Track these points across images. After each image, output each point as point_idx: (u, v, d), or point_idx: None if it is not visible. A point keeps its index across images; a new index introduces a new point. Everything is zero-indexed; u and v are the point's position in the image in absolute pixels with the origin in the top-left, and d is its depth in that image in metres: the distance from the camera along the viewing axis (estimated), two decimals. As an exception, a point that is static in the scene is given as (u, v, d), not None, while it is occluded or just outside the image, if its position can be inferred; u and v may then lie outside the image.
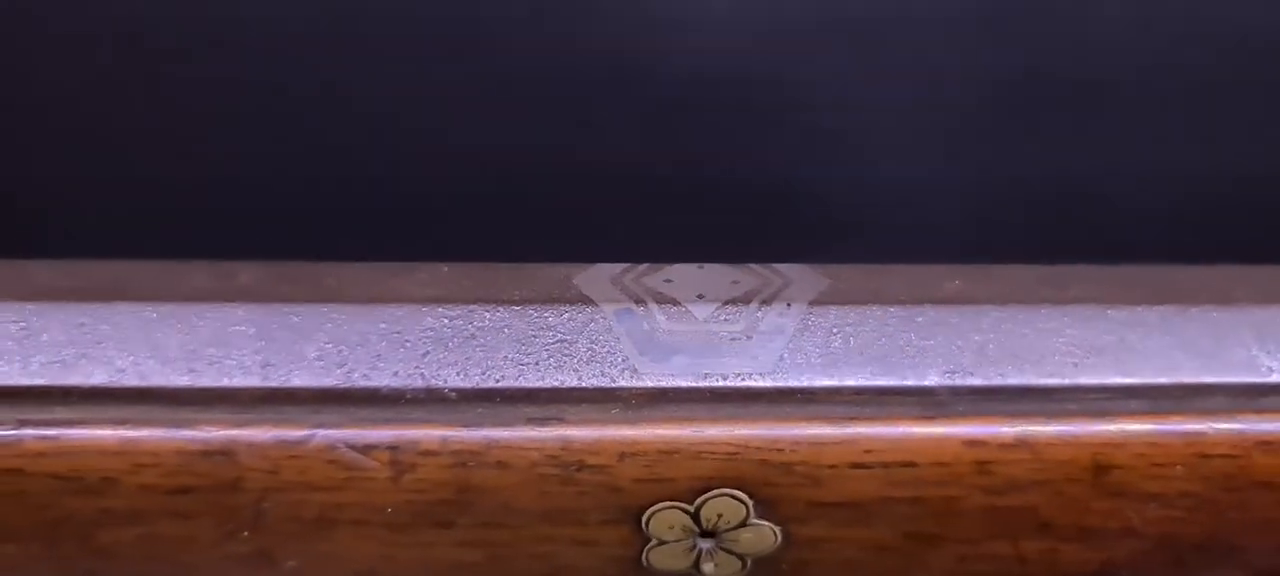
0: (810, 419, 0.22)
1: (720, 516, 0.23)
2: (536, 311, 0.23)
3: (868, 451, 0.22)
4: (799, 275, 0.24)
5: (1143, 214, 0.41)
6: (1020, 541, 0.24)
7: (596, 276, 0.24)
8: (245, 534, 0.23)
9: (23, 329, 0.23)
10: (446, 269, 0.24)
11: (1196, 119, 0.45)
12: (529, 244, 0.27)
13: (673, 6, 0.42)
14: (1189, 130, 0.45)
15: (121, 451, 0.22)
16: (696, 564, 0.24)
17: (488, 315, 0.23)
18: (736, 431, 0.22)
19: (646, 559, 0.24)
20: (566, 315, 0.23)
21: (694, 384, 0.22)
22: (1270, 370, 0.23)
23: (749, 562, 0.24)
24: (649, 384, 0.22)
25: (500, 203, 0.37)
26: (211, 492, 0.23)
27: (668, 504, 0.23)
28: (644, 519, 0.23)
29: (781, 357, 0.23)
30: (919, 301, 0.23)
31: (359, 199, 0.33)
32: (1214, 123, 0.45)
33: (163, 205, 0.32)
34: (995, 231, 0.40)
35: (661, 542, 0.23)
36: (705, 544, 0.23)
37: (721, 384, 0.22)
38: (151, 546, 0.24)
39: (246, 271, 0.24)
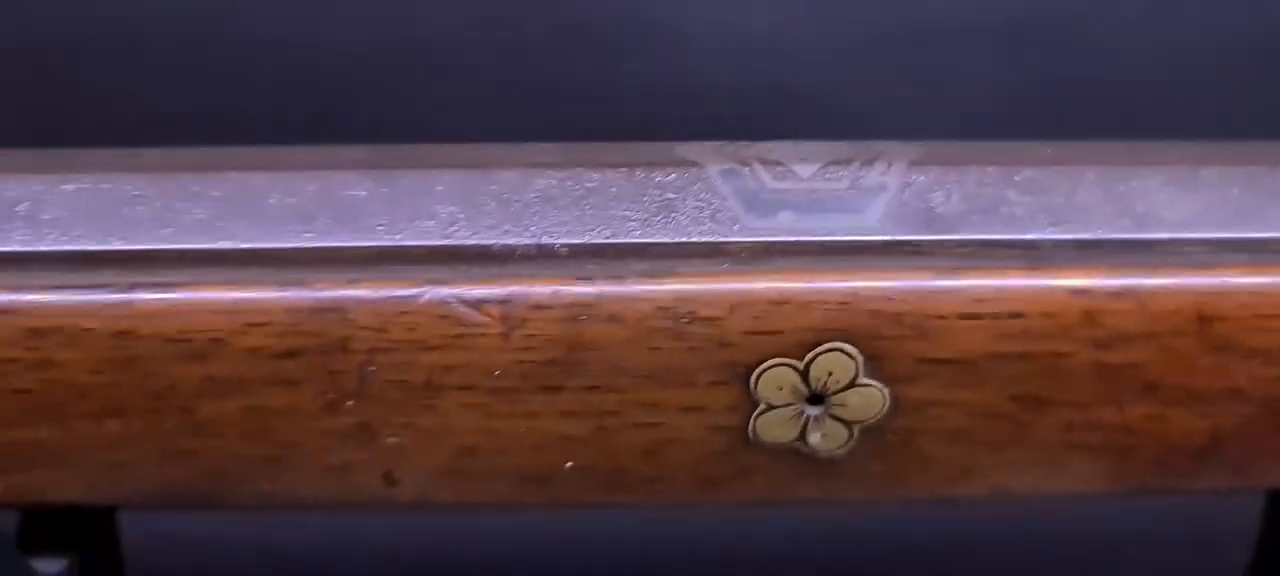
0: (918, 270, 0.22)
1: (830, 375, 0.23)
2: (644, 173, 0.23)
3: (976, 301, 0.22)
4: (894, 146, 0.24)
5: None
6: (1127, 406, 0.24)
7: (699, 148, 0.24)
8: (349, 403, 0.23)
9: (135, 197, 0.23)
10: (551, 145, 0.24)
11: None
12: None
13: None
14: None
15: (232, 310, 0.22)
16: (803, 433, 0.24)
17: (596, 177, 0.23)
18: (845, 282, 0.22)
19: (753, 427, 0.23)
20: (673, 176, 0.23)
21: (801, 238, 0.23)
22: None
23: (856, 432, 0.24)
24: (758, 238, 0.23)
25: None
26: (319, 354, 0.23)
27: (778, 360, 0.23)
28: (753, 378, 0.23)
29: (886, 212, 0.23)
30: (1016, 164, 0.24)
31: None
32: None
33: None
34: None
35: (770, 407, 0.23)
36: (813, 410, 0.23)
37: (829, 238, 0.23)
38: (253, 420, 0.23)
39: (354, 152, 0.24)
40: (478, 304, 0.22)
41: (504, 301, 0.22)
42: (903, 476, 0.25)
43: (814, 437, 0.24)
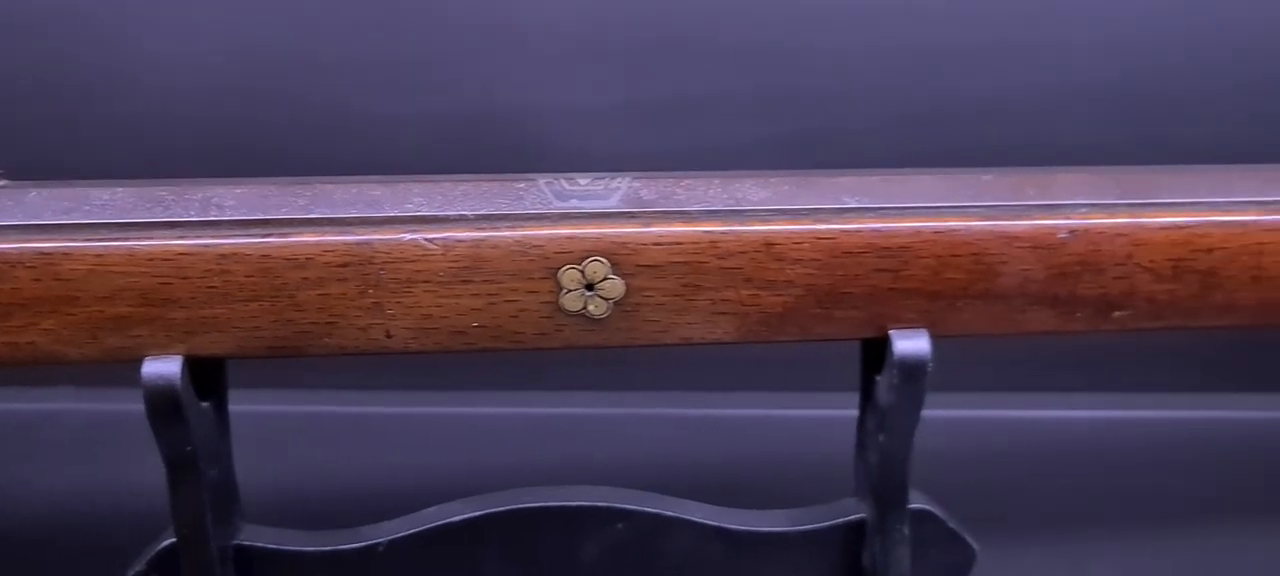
0: (634, 223, 0.49)
1: (596, 273, 0.49)
2: (508, 184, 0.49)
3: (660, 237, 0.48)
4: (624, 175, 0.51)
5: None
6: (739, 290, 0.49)
7: (532, 175, 0.50)
8: (371, 291, 0.48)
9: (276, 196, 0.49)
10: (466, 175, 0.50)
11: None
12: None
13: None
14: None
15: (318, 244, 0.48)
16: (585, 305, 0.49)
17: (485, 186, 0.49)
18: (601, 229, 0.48)
19: (560, 302, 0.49)
20: (522, 184, 0.49)
21: (581, 209, 0.49)
22: None
23: (612, 304, 0.49)
24: (562, 210, 0.49)
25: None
26: (358, 265, 0.48)
27: (569, 266, 0.48)
28: (557, 274, 0.48)
29: (621, 198, 0.49)
30: (681, 180, 0.50)
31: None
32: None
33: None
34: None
35: (568, 291, 0.49)
36: (588, 293, 0.49)
37: (594, 209, 0.49)
38: (324, 301, 0.49)
39: (386, 178, 0.50)
40: (430, 240, 0.48)
41: (443, 238, 0.48)
42: (637, 330, 0.50)
43: (590, 307, 0.49)
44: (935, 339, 0.51)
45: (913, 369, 0.51)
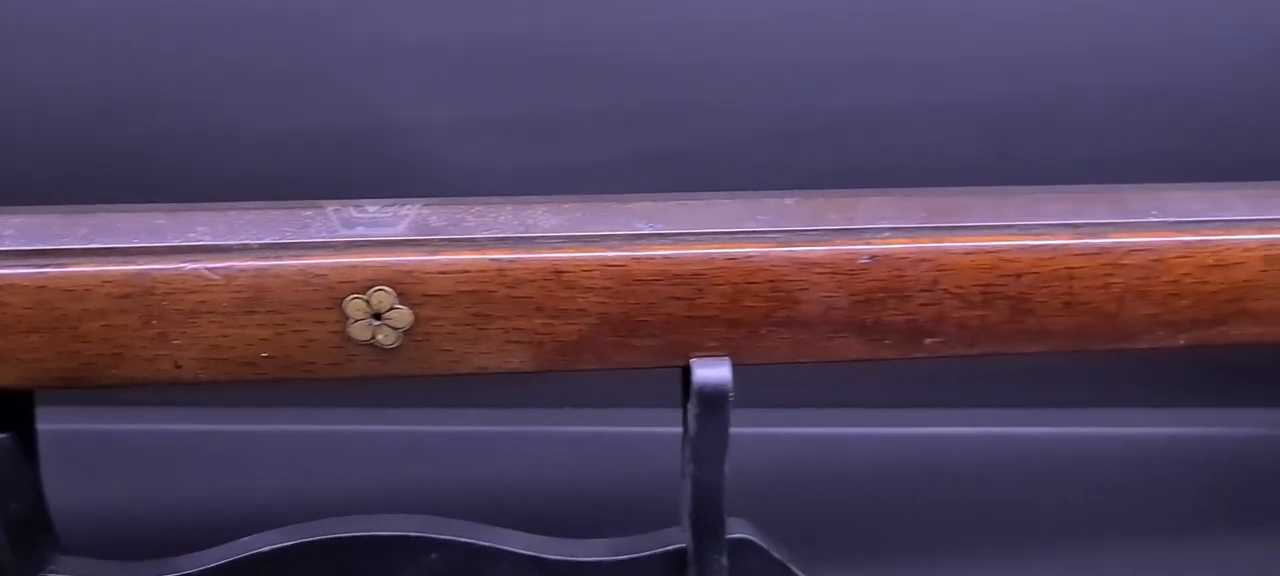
0: (419, 251, 0.48)
1: (382, 303, 0.48)
2: (294, 212, 0.49)
3: (444, 265, 0.48)
4: (415, 200, 0.50)
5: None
6: (530, 319, 0.49)
7: (321, 202, 0.50)
8: (155, 322, 0.48)
9: (58, 226, 0.48)
10: (251, 202, 0.50)
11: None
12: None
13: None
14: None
15: (97, 276, 0.47)
16: (374, 337, 0.49)
17: (272, 213, 0.49)
18: (386, 257, 0.48)
19: (348, 332, 0.48)
20: (309, 212, 0.49)
21: (367, 237, 0.48)
22: None
23: (401, 334, 0.49)
24: (347, 238, 0.48)
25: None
26: (139, 296, 0.47)
27: (354, 295, 0.48)
28: (342, 304, 0.48)
29: (408, 226, 0.49)
30: (470, 206, 0.49)
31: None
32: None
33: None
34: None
35: (355, 320, 0.48)
36: (375, 322, 0.48)
37: (379, 237, 0.48)
38: (107, 332, 0.48)
39: (170, 207, 0.49)
40: (212, 269, 0.47)
41: (225, 268, 0.47)
42: (430, 359, 0.49)
43: (380, 337, 0.49)
44: (740, 367, 0.50)
45: (713, 398, 0.50)
